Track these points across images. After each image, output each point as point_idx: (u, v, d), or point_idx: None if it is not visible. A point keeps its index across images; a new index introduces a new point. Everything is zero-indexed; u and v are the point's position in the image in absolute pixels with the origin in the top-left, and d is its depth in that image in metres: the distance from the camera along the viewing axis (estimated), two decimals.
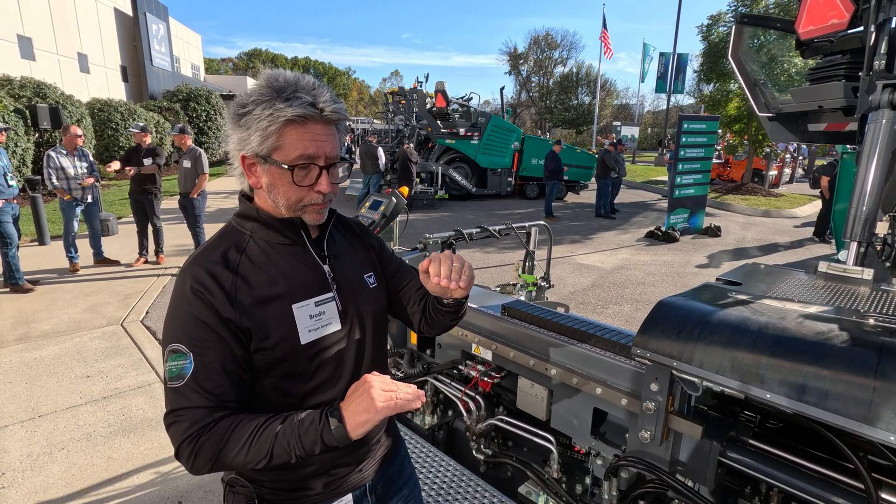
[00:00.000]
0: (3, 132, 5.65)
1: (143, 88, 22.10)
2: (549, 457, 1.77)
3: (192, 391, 0.88)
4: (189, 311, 0.91)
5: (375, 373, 0.89)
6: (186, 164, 6.46)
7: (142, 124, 6.49)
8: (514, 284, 3.16)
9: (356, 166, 12.59)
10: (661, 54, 26.82)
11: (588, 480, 1.71)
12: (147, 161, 6.43)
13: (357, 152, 13.28)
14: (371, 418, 0.84)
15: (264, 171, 0.96)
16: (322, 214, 1.03)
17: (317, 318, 1.00)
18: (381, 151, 12.06)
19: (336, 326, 1.03)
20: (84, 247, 6.66)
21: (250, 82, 0.99)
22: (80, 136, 6.07)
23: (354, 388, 0.89)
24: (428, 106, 14.42)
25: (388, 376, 0.90)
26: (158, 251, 6.93)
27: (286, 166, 0.93)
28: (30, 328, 4.70)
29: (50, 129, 11.02)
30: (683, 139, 10.18)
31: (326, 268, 1.05)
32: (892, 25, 1.70)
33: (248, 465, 0.86)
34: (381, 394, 0.85)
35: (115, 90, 19.98)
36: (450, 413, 2.31)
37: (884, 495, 1.05)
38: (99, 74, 19.43)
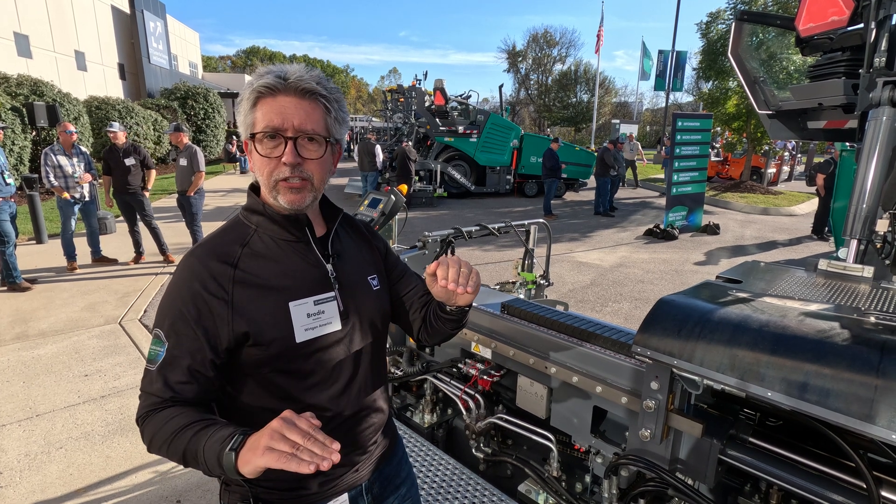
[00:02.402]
0: (0, 130, 5.63)
1: (140, 86, 22.04)
2: (548, 455, 1.77)
3: (156, 379, 0.92)
4: (178, 303, 0.93)
5: (304, 417, 0.77)
6: (183, 162, 6.43)
7: (116, 124, 6.44)
8: (514, 282, 3.16)
9: (354, 164, 12.59)
10: (660, 52, 26.81)
11: (588, 479, 1.71)
12: (128, 160, 6.35)
13: (356, 150, 13.30)
14: (253, 461, 0.74)
15: (250, 151, 0.99)
16: (298, 195, 0.97)
17: (315, 317, 0.99)
18: (378, 149, 12.04)
19: (336, 326, 1.02)
20: (82, 245, 6.63)
21: (248, 80, 0.99)
22: (73, 133, 6.03)
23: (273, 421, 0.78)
24: (427, 104, 14.41)
25: (313, 420, 0.77)
26: (164, 251, 6.83)
27: (256, 135, 0.95)
28: (27, 327, 4.68)
29: (47, 128, 10.98)
30: (678, 137, 10.18)
31: (329, 267, 1.05)
32: (893, 22, 1.70)
33: (172, 459, 0.88)
34: (275, 438, 0.73)
35: (112, 88, 19.92)
36: (449, 411, 2.31)
37: (885, 493, 1.05)
38: (96, 72, 19.36)
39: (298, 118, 0.94)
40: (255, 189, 1.06)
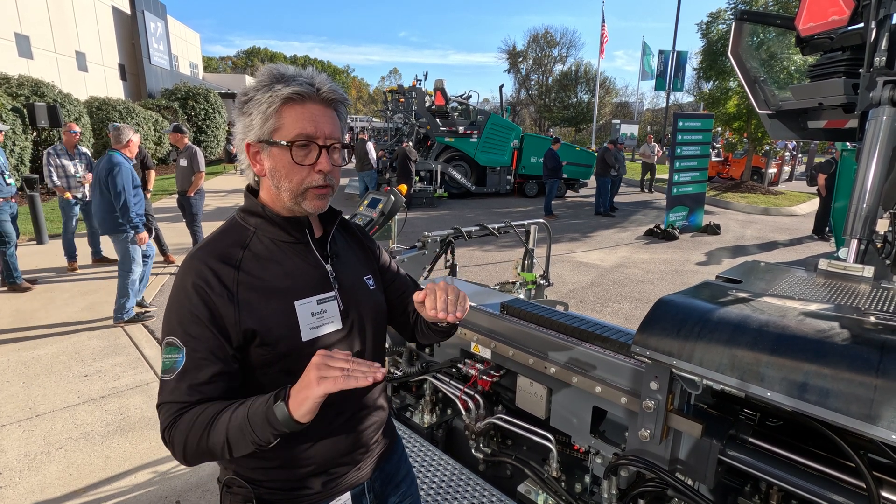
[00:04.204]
0: (1, 132, 5.64)
1: (141, 87, 22.05)
2: (548, 455, 1.76)
3: (178, 386, 0.90)
4: (187, 306, 0.92)
5: (336, 350, 0.83)
6: (183, 162, 6.43)
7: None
8: (514, 283, 3.15)
9: (352, 164, 12.62)
10: (661, 52, 26.77)
11: (587, 479, 1.70)
12: None
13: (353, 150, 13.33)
14: (310, 396, 0.78)
15: (267, 156, 0.97)
16: (323, 201, 1.01)
17: (318, 316, 1.00)
18: (370, 146, 12.03)
19: (337, 325, 1.03)
20: (82, 245, 6.63)
21: (249, 81, 0.99)
22: (77, 133, 6.04)
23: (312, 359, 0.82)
24: (427, 104, 14.40)
25: (349, 353, 0.84)
26: (164, 251, 6.83)
27: (285, 143, 0.94)
28: (28, 327, 4.68)
29: (48, 128, 10.99)
30: (679, 137, 10.17)
31: (329, 267, 1.06)
32: (893, 22, 1.69)
33: (213, 454, 0.87)
34: (323, 369, 0.79)
35: (113, 89, 19.93)
36: (449, 412, 2.30)
37: (885, 493, 1.04)
38: (97, 73, 19.37)
39: (328, 127, 0.96)
40: (251, 190, 1.06)
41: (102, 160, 4.53)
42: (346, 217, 1.24)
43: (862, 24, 1.78)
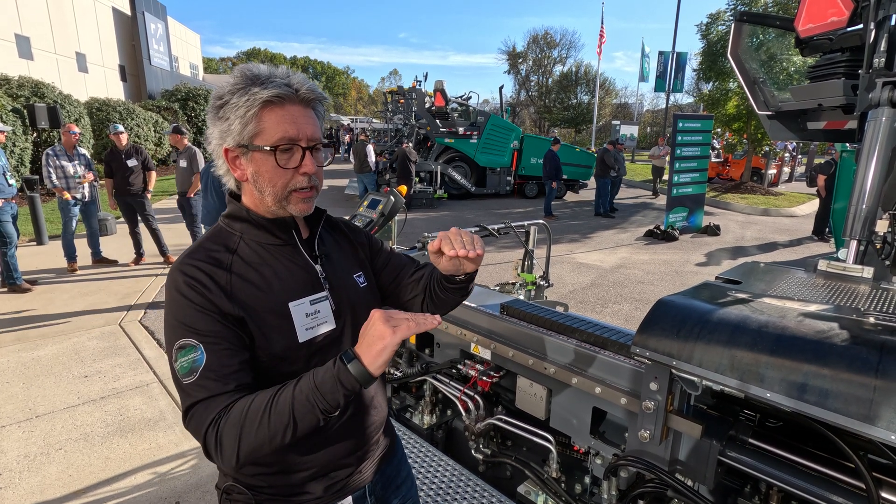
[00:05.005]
0: (2, 132, 5.64)
1: (141, 88, 22.07)
2: (548, 456, 1.76)
3: (208, 381, 0.86)
4: (189, 304, 0.89)
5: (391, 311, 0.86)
6: (182, 163, 6.43)
7: (121, 126, 6.46)
8: (513, 283, 3.15)
9: (352, 165, 12.62)
10: (661, 53, 26.78)
11: (587, 480, 1.70)
12: (131, 162, 6.37)
13: (351, 152, 13.31)
14: (388, 344, 0.80)
15: (248, 160, 0.96)
16: (308, 204, 1.00)
17: (312, 317, 1.00)
18: (369, 149, 12.00)
19: (330, 325, 1.02)
20: (82, 246, 6.64)
21: (232, 83, 0.98)
22: (76, 133, 6.04)
23: (363, 328, 0.84)
24: (427, 105, 14.40)
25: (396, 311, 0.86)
26: (164, 252, 6.83)
27: (268, 148, 0.93)
28: (27, 328, 4.69)
29: (48, 129, 10.99)
30: (679, 138, 10.17)
31: (318, 268, 1.05)
32: (892, 23, 1.70)
33: (273, 439, 0.82)
34: (390, 320, 0.81)
35: (113, 90, 19.95)
36: (448, 412, 2.30)
37: (884, 494, 1.04)
38: (97, 74, 19.39)
39: (309, 128, 0.95)
40: (233, 195, 1.05)
41: (210, 165, 5.10)
42: (346, 217, 1.24)
43: (861, 26, 1.79)
